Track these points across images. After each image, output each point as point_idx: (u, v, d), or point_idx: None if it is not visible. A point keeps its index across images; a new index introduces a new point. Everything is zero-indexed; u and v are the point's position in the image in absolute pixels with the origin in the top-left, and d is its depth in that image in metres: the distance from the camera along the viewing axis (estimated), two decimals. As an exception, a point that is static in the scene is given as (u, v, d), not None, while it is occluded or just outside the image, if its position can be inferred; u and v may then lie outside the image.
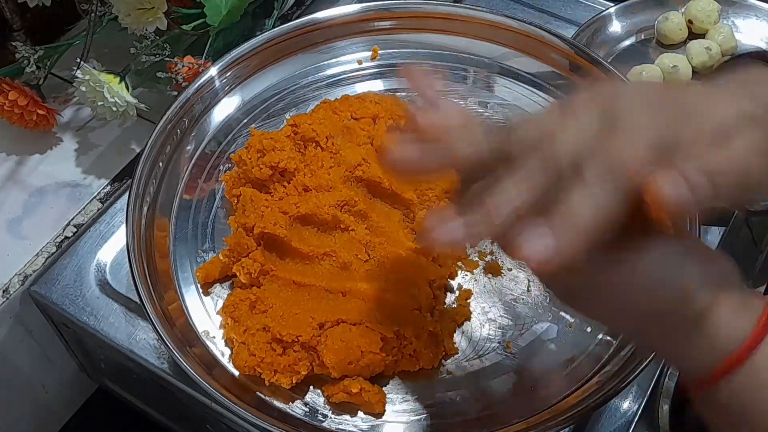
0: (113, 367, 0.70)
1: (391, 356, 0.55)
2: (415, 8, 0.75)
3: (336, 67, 0.74)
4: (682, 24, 0.80)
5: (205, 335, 0.58)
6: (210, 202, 0.65)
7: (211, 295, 0.60)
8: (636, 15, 0.83)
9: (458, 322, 0.59)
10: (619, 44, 0.82)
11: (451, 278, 0.61)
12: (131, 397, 0.74)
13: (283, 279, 0.57)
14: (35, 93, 0.70)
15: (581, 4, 0.86)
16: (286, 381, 0.54)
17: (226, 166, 0.67)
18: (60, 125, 0.75)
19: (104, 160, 0.73)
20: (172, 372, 0.59)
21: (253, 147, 0.62)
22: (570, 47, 0.71)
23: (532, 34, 0.72)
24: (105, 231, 0.67)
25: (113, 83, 0.68)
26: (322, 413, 0.55)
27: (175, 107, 0.66)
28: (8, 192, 0.70)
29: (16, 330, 0.66)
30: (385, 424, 0.54)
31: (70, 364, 0.73)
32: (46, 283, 0.64)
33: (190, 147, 0.68)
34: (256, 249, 0.58)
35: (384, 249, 0.59)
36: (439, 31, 0.75)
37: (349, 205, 0.60)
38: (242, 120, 0.70)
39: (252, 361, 0.54)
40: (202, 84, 0.68)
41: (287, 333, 0.54)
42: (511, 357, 0.57)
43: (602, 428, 0.57)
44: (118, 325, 0.62)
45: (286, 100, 0.72)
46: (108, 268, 0.65)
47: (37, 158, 0.73)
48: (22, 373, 0.69)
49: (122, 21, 0.70)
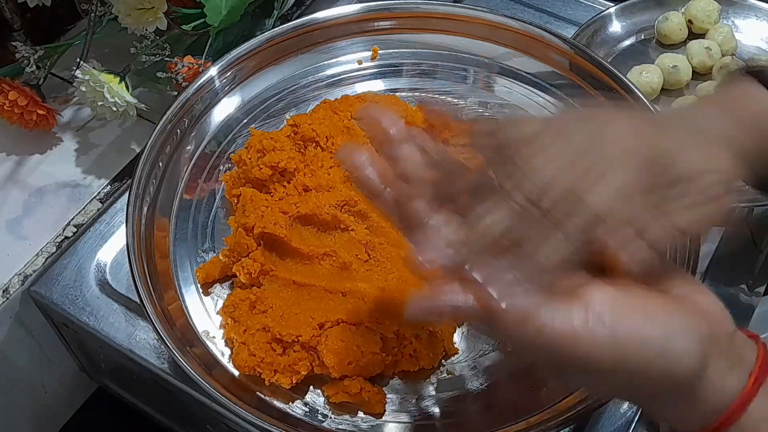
0: (113, 367, 0.70)
1: (391, 356, 0.55)
2: (415, 8, 0.75)
3: (336, 67, 0.74)
4: (682, 24, 0.80)
5: (205, 335, 0.58)
6: (210, 202, 0.65)
7: (211, 295, 0.60)
8: (636, 15, 0.83)
9: (458, 322, 0.59)
10: (619, 44, 0.81)
11: (451, 278, 0.61)
12: (131, 397, 0.74)
13: (283, 279, 0.57)
14: (35, 93, 0.70)
15: (581, 4, 0.86)
16: (286, 381, 0.54)
17: (226, 166, 0.67)
18: (60, 125, 0.75)
19: (104, 160, 0.73)
20: (172, 372, 0.59)
21: (253, 147, 0.62)
22: (570, 47, 0.71)
23: (532, 34, 0.72)
24: (105, 231, 0.67)
25: (113, 83, 0.68)
26: (322, 413, 0.55)
27: (175, 107, 0.66)
28: (8, 192, 0.70)
29: (16, 330, 0.66)
30: (385, 424, 0.54)
31: (70, 364, 0.73)
32: (46, 283, 0.64)
33: (190, 147, 0.68)
34: (256, 249, 0.58)
35: (384, 249, 0.59)
36: (439, 31, 0.75)
37: (349, 205, 0.60)
38: (242, 120, 0.70)
39: (252, 361, 0.54)
40: (202, 84, 0.68)
41: (287, 333, 0.54)
42: (511, 357, 0.57)
43: (602, 428, 0.57)
44: (118, 325, 0.61)
45: (286, 100, 0.72)
46: (108, 268, 0.65)
47: (37, 158, 0.73)
48: (22, 373, 0.69)
49: (122, 21, 0.70)
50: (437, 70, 0.74)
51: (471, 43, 0.74)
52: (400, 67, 0.75)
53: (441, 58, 0.75)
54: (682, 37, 0.80)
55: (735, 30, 0.80)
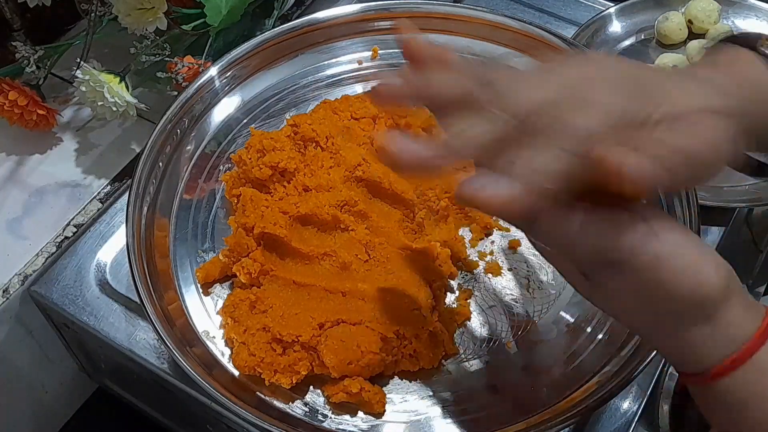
0: (113, 367, 0.70)
1: (391, 356, 0.55)
2: (415, 8, 0.75)
3: (336, 67, 0.74)
4: (682, 24, 0.80)
5: (205, 335, 0.58)
6: (210, 202, 0.65)
7: (211, 295, 0.60)
8: (636, 15, 0.83)
9: (458, 322, 0.59)
10: (619, 44, 0.82)
11: (451, 278, 0.61)
12: (131, 397, 0.74)
13: (283, 279, 0.57)
14: (35, 93, 0.70)
15: (581, 4, 0.86)
16: (286, 381, 0.54)
17: (226, 166, 0.67)
18: (60, 125, 0.75)
19: (104, 160, 0.73)
20: (172, 372, 0.59)
21: (253, 147, 0.62)
22: (570, 47, 0.71)
23: (532, 34, 0.72)
24: (105, 231, 0.67)
25: (113, 83, 0.68)
26: (322, 413, 0.55)
27: (175, 107, 0.66)
28: (8, 192, 0.70)
29: (16, 330, 0.66)
30: (385, 424, 0.54)
31: (70, 364, 0.73)
32: (46, 283, 0.64)
33: (190, 147, 0.68)
34: (256, 249, 0.58)
35: (384, 249, 0.59)
36: (439, 31, 0.75)
37: (349, 205, 0.60)
38: (242, 120, 0.70)
39: (252, 361, 0.54)
40: (202, 84, 0.68)
41: (287, 333, 0.54)
42: (511, 357, 0.57)
43: (602, 428, 0.57)
44: (118, 325, 0.62)
45: (286, 100, 0.72)
46: (108, 268, 0.65)
47: (37, 158, 0.73)
48: (22, 373, 0.69)
49: (122, 21, 0.70)
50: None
51: (471, 43, 0.74)
52: (400, 67, 0.74)
53: (441, 58, 0.75)
54: (682, 37, 0.80)
55: (735, 30, 0.80)
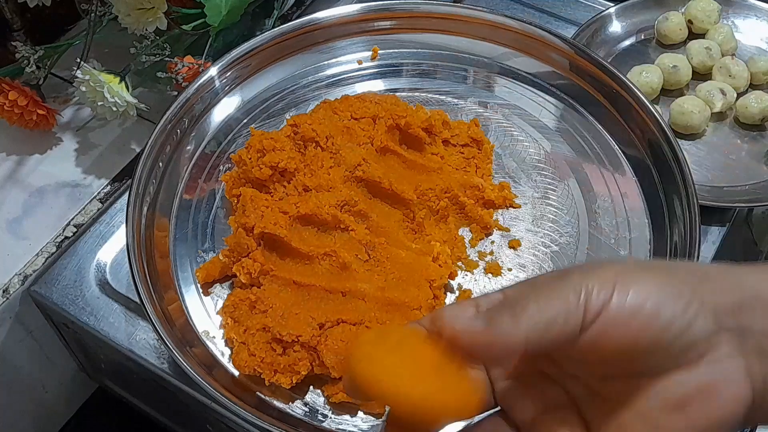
0: (113, 367, 0.70)
1: (391, 356, 0.55)
2: (415, 8, 0.75)
3: (336, 67, 0.74)
4: (682, 24, 0.80)
5: (205, 335, 0.58)
6: (210, 202, 0.65)
7: (211, 295, 0.60)
8: (636, 15, 0.83)
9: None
10: (619, 44, 0.82)
11: (451, 278, 0.61)
12: (131, 397, 0.74)
13: (283, 279, 0.57)
14: (35, 93, 0.70)
15: (581, 4, 0.86)
16: (286, 381, 0.54)
17: (226, 166, 0.67)
18: (60, 125, 0.75)
19: (104, 160, 0.73)
20: (172, 372, 0.59)
21: (253, 147, 0.62)
22: (570, 47, 0.71)
23: (532, 34, 0.72)
24: (105, 231, 0.67)
25: (113, 83, 0.68)
26: (322, 413, 0.55)
27: (175, 107, 0.66)
28: (8, 192, 0.70)
29: (16, 330, 0.66)
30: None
31: (70, 364, 0.73)
32: (46, 283, 0.64)
33: (190, 147, 0.68)
34: (256, 249, 0.58)
35: (384, 249, 0.59)
36: (439, 31, 0.75)
37: (349, 205, 0.60)
38: (242, 120, 0.70)
39: (252, 361, 0.54)
40: (202, 84, 0.68)
41: (287, 333, 0.54)
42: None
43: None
44: (118, 325, 0.62)
45: (286, 100, 0.72)
46: (108, 268, 0.65)
47: (37, 158, 0.73)
48: (22, 373, 0.69)
49: (122, 21, 0.70)
50: (437, 70, 0.74)
51: (471, 43, 0.74)
52: (400, 67, 0.75)
53: (441, 58, 0.75)
54: (682, 37, 0.80)
55: (735, 30, 0.80)
